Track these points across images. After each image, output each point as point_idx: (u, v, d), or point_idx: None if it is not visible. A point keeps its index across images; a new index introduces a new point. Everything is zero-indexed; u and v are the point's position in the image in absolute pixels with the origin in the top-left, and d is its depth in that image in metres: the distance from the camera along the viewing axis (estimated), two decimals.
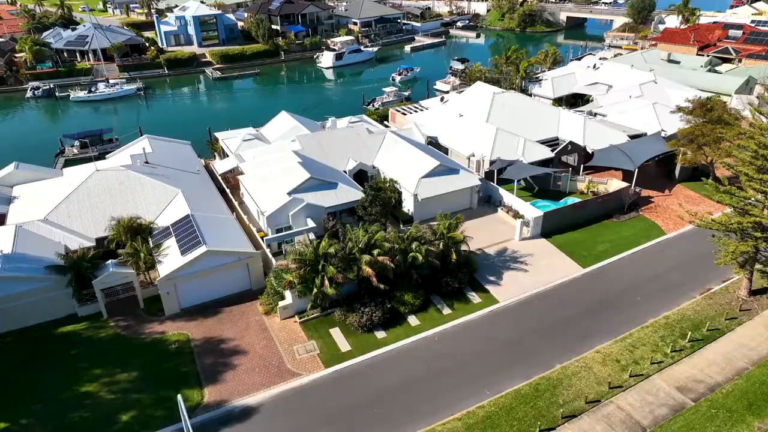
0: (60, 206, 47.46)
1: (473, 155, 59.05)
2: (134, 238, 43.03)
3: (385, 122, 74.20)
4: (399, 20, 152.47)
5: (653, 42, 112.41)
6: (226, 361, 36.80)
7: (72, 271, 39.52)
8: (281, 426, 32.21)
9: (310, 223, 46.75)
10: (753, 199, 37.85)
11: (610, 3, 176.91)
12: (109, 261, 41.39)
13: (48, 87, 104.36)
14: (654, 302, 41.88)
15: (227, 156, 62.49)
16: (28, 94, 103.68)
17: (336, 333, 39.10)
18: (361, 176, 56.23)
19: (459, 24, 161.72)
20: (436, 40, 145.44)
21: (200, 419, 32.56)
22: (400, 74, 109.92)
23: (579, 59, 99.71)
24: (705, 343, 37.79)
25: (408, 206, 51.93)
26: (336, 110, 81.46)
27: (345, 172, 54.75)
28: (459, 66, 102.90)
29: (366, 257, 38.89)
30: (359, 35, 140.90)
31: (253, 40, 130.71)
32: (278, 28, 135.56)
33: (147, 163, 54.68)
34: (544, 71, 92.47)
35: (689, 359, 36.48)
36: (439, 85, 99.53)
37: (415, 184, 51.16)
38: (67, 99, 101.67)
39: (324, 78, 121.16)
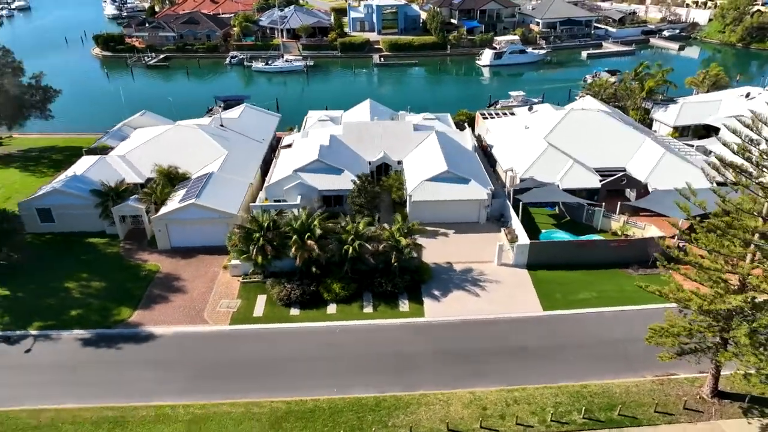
0: (138, 148, 59.56)
1: (511, 170, 55.48)
2: (168, 182, 52.51)
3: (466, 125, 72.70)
4: (590, 23, 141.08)
5: None
6: (166, 295, 43.48)
7: (105, 196, 50.37)
8: (160, 356, 37.52)
9: (298, 201, 50.52)
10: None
11: None
12: (133, 196, 51.31)
13: (241, 57, 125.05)
14: (587, 366, 36.10)
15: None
16: (227, 61, 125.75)
17: (261, 299, 42.80)
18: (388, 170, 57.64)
19: (665, 33, 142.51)
20: (624, 49, 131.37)
21: (114, 331, 39.86)
22: (594, 76, 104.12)
23: None
24: (604, 426, 31.83)
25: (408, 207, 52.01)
26: (458, 107, 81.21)
27: (369, 162, 56.83)
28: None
29: (295, 238, 41.55)
30: (537, 36, 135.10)
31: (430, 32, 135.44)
32: (455, 21, 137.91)
33: (221, 126, 64.30)
34: (699, 93, 78.80)
35: None
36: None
37: (415, 185, 50.91)
38: (250, 68, 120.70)
39: (479, 75, 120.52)
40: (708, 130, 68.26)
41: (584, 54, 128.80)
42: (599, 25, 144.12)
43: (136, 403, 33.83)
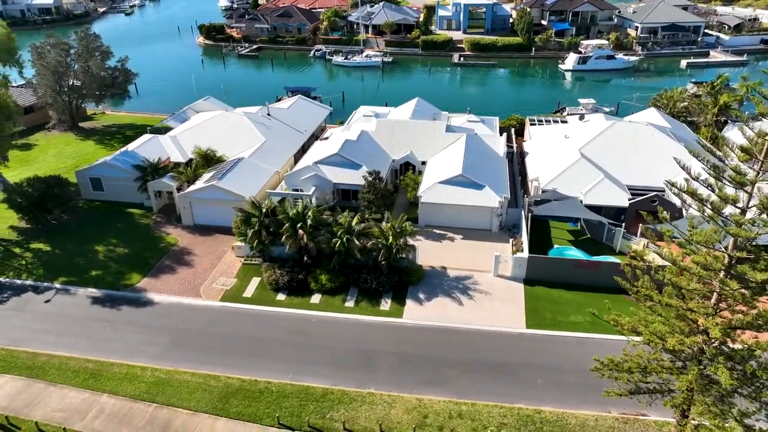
0: (187, 130, 64.34)
1: (537, 179, 53.05)
2: (205, 164, 56.48)
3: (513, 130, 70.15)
4: (698, 29, 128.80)
5: None
6: (174, 267, 46.98)
7: (144, 172, 55.17)
8: (150, 322, 40.84)
9: (311, 192, 51.92)
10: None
11: None
12: (168, 173, 55.61)
13: (325, 51, 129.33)
14: (551, 392, 34.15)
15: None
16: (311, 54, 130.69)
17: (254, 281, 44.86)
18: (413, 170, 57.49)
19: None
20: (734, 59, 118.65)
21: (120, 293, 43.92)
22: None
23: None
24: None
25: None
26: (526, 112, 78.75)
27: (393, 160, 56.99)
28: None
29: (287, 226, 43.03)
30: (633, 41, 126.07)
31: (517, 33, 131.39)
32: (545, 23, 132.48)
33: (268, 115, 67.50)
34: None
35: None
36: None
37: (427, 187, 50.37)
38: (330, 62, 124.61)
39: (560, 80, 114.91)
40: None
41: (683, 63, 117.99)
42: (710, 32, 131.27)
43: (115, 360, 37.22)
